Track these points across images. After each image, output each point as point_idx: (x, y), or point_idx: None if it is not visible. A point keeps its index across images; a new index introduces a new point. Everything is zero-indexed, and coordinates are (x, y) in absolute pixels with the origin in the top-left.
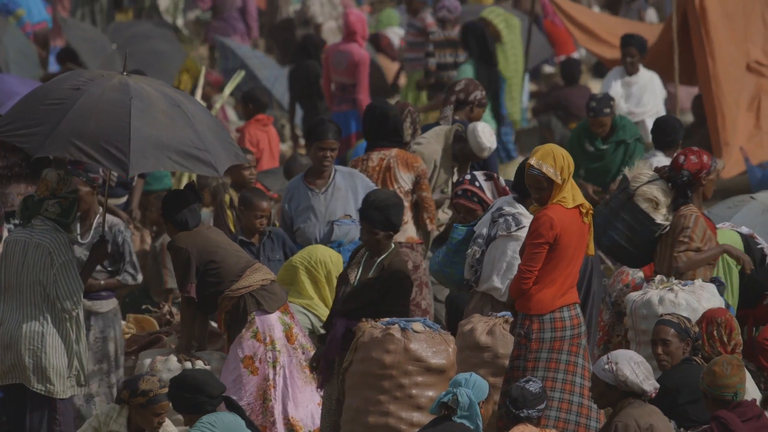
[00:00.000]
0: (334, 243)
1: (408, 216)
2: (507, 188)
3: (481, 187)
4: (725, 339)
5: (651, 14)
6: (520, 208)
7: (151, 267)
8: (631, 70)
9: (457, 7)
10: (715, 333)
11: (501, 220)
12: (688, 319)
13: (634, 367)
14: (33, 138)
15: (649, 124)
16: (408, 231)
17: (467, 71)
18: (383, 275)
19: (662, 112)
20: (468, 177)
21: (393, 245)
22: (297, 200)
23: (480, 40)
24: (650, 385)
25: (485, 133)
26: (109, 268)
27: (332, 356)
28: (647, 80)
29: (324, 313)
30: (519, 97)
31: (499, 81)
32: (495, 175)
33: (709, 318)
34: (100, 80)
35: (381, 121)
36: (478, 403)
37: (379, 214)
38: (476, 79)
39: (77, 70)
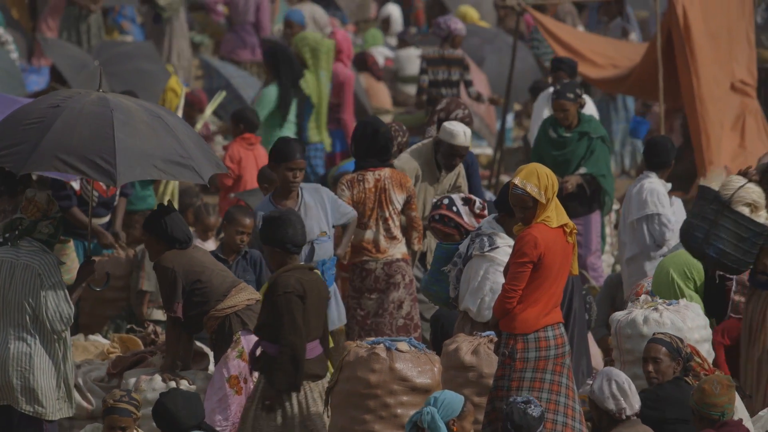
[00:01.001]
0: (318, 263)
1: (400, 233)
2: (485, 213)
3: (458, 212)
4: (699, 360)
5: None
6: (498, 229)
7: (134, 277)
8: None
9: (449, 25)
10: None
11: (477, 240)
12: (681, 339)
13: (605, 383)
14: (15, 157)
15: None
16: (403, 248)
17: (272, 93)
18: (266, 293)
19: None
20: (446, 201)
21: (293, 262)
22: None
23: (286, 64)
24: (614, 404)
25: (453, 122)
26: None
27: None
28: None
29: None
30: (325, 122)
31: (303, 104)
32: (473, 199)
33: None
34: (78, 97)
35: (372, 137)
36: (450, 421)
37: (261, 229)
38: (280, 101)
39: (54, 91)
